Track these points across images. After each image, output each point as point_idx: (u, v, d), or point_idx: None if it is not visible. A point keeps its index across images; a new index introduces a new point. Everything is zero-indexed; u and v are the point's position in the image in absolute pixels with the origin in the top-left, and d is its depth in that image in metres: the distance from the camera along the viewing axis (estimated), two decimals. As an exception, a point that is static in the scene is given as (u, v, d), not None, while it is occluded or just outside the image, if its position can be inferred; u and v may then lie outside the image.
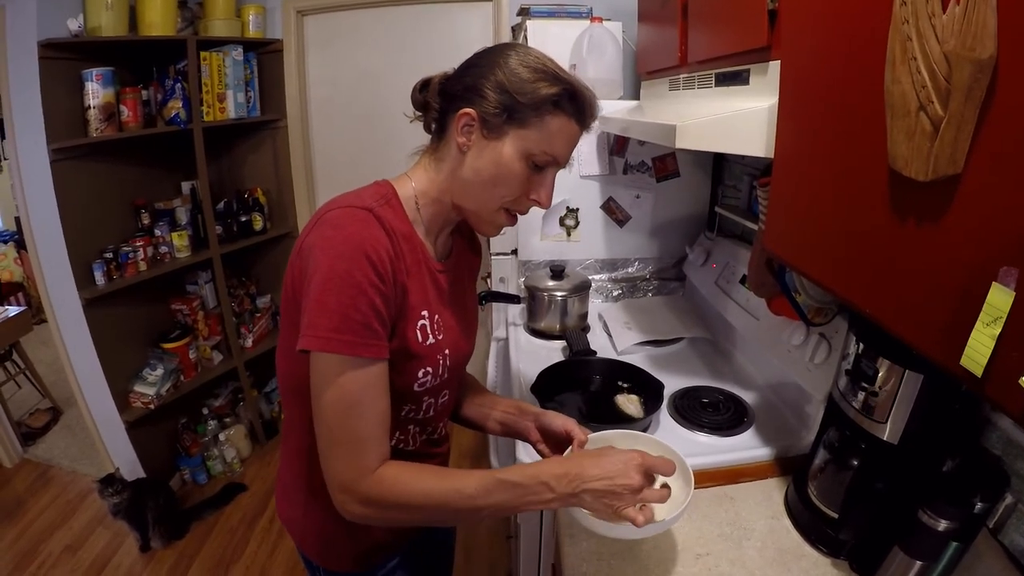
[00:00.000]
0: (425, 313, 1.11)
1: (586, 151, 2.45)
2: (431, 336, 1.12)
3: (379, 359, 0.98)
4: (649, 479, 1.07)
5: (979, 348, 0.67)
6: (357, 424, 0.96)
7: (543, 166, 1.09)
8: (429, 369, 1.13)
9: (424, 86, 1.15)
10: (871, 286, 0.90)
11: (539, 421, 1.32)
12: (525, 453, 1.57)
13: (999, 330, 0.64)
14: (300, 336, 0.96)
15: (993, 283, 0.65)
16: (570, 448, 1.24)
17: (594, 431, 1.29)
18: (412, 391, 1.13)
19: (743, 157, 2.16)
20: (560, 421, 1.29)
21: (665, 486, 1.12)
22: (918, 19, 0.70)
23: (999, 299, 0.64)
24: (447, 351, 1.16)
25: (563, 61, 2.38)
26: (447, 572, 1.70)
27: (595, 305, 2.61)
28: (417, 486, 0.97)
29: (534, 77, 1.03)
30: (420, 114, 1.18)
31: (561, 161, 1.10)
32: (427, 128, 1.18)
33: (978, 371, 0.68)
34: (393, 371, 1.05)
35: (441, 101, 1.11)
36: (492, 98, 1.03)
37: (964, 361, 0.69)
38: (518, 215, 1.17)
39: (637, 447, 1.12)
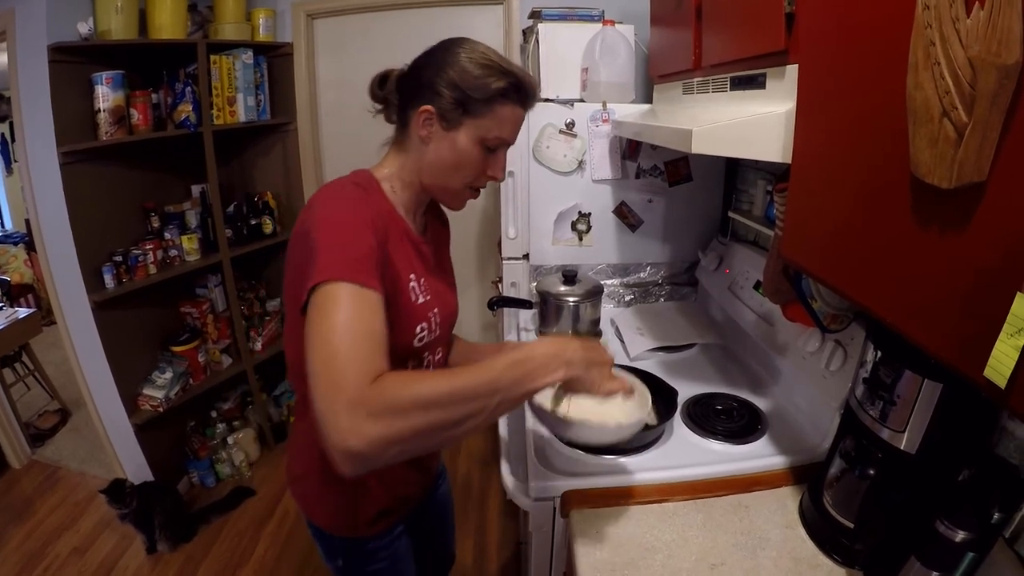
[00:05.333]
0: (412, 276, 1.25)
1: (598, 155, 2.44)
2: (420, 296, 1.26)
3: (376, 291, 1.01)
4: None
5: (1003, 359, 0.66)
6: (358, 339, 0.93)
7: (495, 148, 1.24)
8: (424, 325, 1.27)
9: (382, 82, 1.30)
10: (892, 294, 0.89)
11: None
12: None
13: (1024, 341, 0.63)
14: (309, 282, 0.99)
15: (1017, 293, 0.64)
16: None
17: None
18: (413, 347, 1.27)
19: (757, 162, 2.16)
20: None
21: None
22: (941, 23, 0.69)
23: (1024, 309, 0.63)
24: (436, 309, 1.31)
25: (575, 64, 2.41)
26: (449, 538, 1.90)
27: (607, 310, 2.60)
28: (426, 381, 0.93)
29: (483, 73, 1.16)
30: (380, 108, 1.33)
31: (511, 142, 1.27)
32: (388, 120, 1.33)
33: (1002, 382, 0.67)
34: (394, 330, 1.11)
35: (399, 97, 1.27)
36: (447, 95, 1.17)
37: (988, 372, 0.68)
38: (480, 190, 1.32)
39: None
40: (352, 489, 1.37)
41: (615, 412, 1.23)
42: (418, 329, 1.26)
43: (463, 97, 1.17)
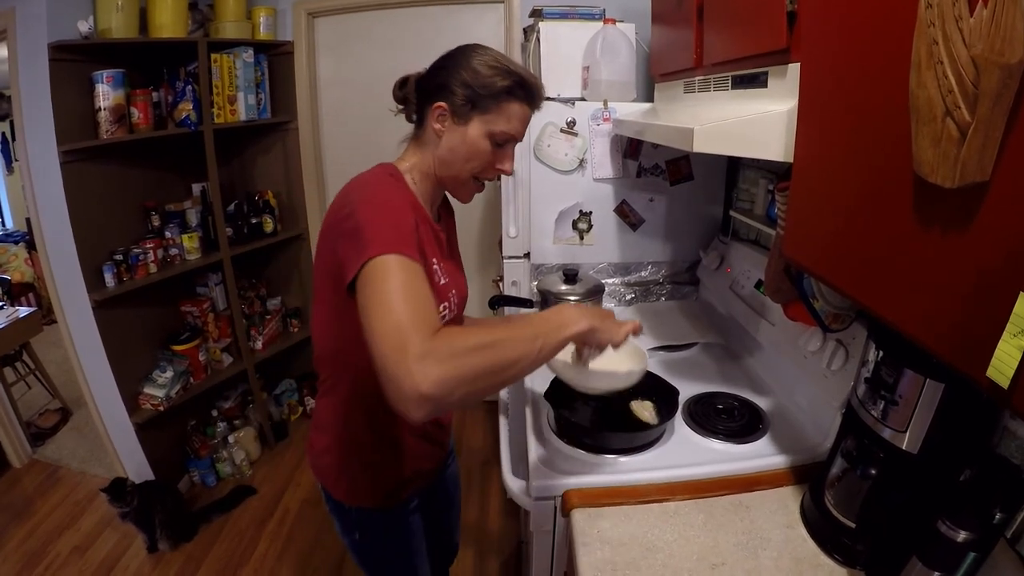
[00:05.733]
0: (435, 260, 1.35)
1: (599, 154, 2.44)
2: (441, 278, 1.37)
3: (420, 264, 1.11)
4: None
5: (1006, 359, 0.66)
6: (415, 300, 1.02)
7: (503, 142, 1.36)
8: (446, 304, 1.37)
9: (403, 84, 1.42)
10: (894, 294, 0.88)
11: None
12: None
13: (1028, 341, 0.63)
14: (357, 258, 1.07)
15: (1020, 293, 0.63)
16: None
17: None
18: None
19: (758, 161, 2.15)
20: None
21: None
22: (944, 22, 0.69)
23: (1028, 310, 0.63)
24: (453, 291, 1.43)
25: (576, 63, 2.40)
26: (455, 526, 2.04)
27: (608, 309, 2.57)
28: (479, 331, 1.05)
29: (491, 73, 1.28)
30: (401, 108, 1.45)
31: (518, 137, 1.37)
32: (408, 119, 1.45)
33: (1005, 382, 0.66)
34: None
35: (418, 96, 1.39)
36: (459, 92, 1.30)
37: (990, 372, 0.68)
38: (486, 183, 1.45)
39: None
40: (371, 460, 1.49)
41: (622, 364, 1.57)
42: (441, 308, 1.34)
43: (473, 95, 1.29)
